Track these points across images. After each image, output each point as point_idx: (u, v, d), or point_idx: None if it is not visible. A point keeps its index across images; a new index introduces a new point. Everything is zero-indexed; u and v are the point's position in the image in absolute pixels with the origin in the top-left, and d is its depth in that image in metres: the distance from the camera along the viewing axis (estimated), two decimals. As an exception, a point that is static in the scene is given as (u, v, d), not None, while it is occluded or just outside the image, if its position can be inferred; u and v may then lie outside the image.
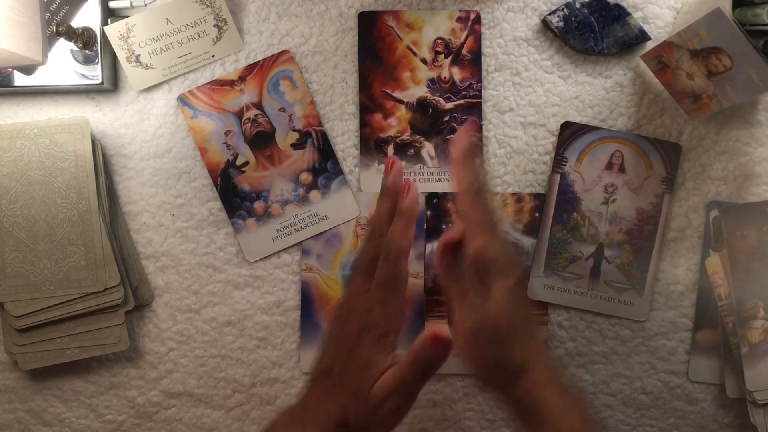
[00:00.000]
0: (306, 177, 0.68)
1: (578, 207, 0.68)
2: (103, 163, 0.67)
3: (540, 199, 0.68)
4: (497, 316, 0.49)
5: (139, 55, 0.67)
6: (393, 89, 0.68)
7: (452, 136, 0.68)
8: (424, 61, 0.68)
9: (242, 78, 0.68)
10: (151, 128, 0.68)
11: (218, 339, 0.69)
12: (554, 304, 0.68)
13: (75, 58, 0.66)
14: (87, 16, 0.66)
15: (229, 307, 0.69)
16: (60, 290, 0.65)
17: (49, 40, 0.64)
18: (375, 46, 0.68)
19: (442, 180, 0.68)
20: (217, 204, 0.68)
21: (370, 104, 0.68)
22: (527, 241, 0.68)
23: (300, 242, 0.68)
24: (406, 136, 0.68)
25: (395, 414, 0.52)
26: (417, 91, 0.68)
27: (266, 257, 0.69)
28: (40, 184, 0.65)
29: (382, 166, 0.68)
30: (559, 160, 0.68)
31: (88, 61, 0.66)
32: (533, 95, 0.68)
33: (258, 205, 0.68)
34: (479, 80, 0.68)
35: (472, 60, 0.68)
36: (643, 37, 0.67)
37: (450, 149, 0.58)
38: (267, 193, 0.68)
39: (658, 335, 0.68)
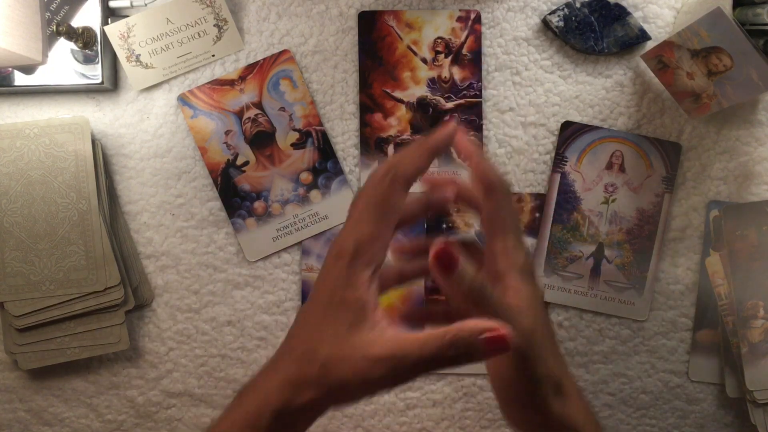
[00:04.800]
0: (306, 177, 0.68)
1: (578, 207, 0.68)
2: (103, 163, 0.67)
3: (540, 198, 0.68)
4: (531, 328, 0.42)
5: (139, 55, 0.67)
6: (393, 89, 0.68)
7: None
8: (424, 61, 0.68)
9: (242, 78, 0.68)
10: (151, 128, 0.68)
11: (218, 339, 0.69)
12: (554, 304, 0.68)
13: (75, 58, 0.66)
14: (87, 16, 0.66)
15: (229, 306, 0.69)
16: (60, 290, 0.65)
17: (49, 40, 0.64)
18: (375, 45, 0.68)
19: (442, 180, 0.68)
20: (217, 204, 0.68)
21: (370, 104, 0.68)
22: (527, 241, 0.68)
23: (300, 242, 0.68)
24: (406, 135, 0.68)
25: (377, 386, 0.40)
26: (417, 91, 0.68)
27: (266, 257, 0.69)
28: (40, 184, 0.65)
29: (383, 166, 0.68)
30: (559, 159, 0.68)
31: (88, 60, 0.66)
32: (533, 95, 0.68)
33: (258, 205, 0.68)
34: (479, 80, 0.68)
35: (472, 60, 0.68)
36: (644, 36, 0.67)
37: (461, 148, 0.46)
38: (267, 193, 0.68)
39: (658, 335, 0.68)
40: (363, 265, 0.41)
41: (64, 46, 0.65)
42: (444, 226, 0.68)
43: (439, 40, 0.68)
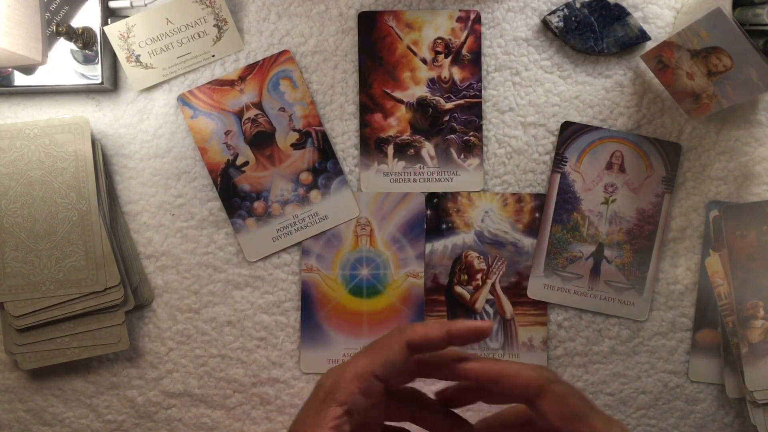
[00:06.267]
0: (306, 177, 0.68)
1: (578, 207, 0.68)
2: (103, 163, 0.67)
3: (540, 199, 0.68)
4: None
5: (139, 55, 0.67)
6: (393, 89, 0.68)
7: (452, 136, 0.68)
8: (424, 61, 0.68)
9: (242, 78, 0.68)
10: (151, 128, 0.68)
11: (218, 339, 0.69)
12: (554, 304, 0.68)
13: (75, 58, 0.66)
14: (87, 16, 0.66)
15: (229, 307, 0.69)
16: (60, 290, 0.65)
17: (49, 40, 0.64)
18: (375, 46, 0.68)
19: (442, 180, 0.68)
20: (217, 204, 0.68)
21: (370, 104, 0.68)
22: (527, 241, 0.68)
23: (300, 242, 0.68)
24: (406, 136, 0.68)
25: None
26: (417, 91, 0.68)
27: (266, 257, 0.69)
28: (40, 184, 0.65)
29: (383, 166, 0.68)
30: (559, 159, 0.68)
31: (88, 61, 0.66)
32: (533, 95, 0.68)
33: (258, 205, 0.68)
34: (479, 80, 0.68)
35: (472, 60, 0.68)
36: (643, 37, 0.67)
37: (484, 376, 0.46)
38: (267, 193, 0.68)
39: (658, 335, 0.68)
40: (334, 403, 0.40)
41: (64, 46, 0.65)
42: (444, 226, 0.68)
43: (439, 41, 0.68)
